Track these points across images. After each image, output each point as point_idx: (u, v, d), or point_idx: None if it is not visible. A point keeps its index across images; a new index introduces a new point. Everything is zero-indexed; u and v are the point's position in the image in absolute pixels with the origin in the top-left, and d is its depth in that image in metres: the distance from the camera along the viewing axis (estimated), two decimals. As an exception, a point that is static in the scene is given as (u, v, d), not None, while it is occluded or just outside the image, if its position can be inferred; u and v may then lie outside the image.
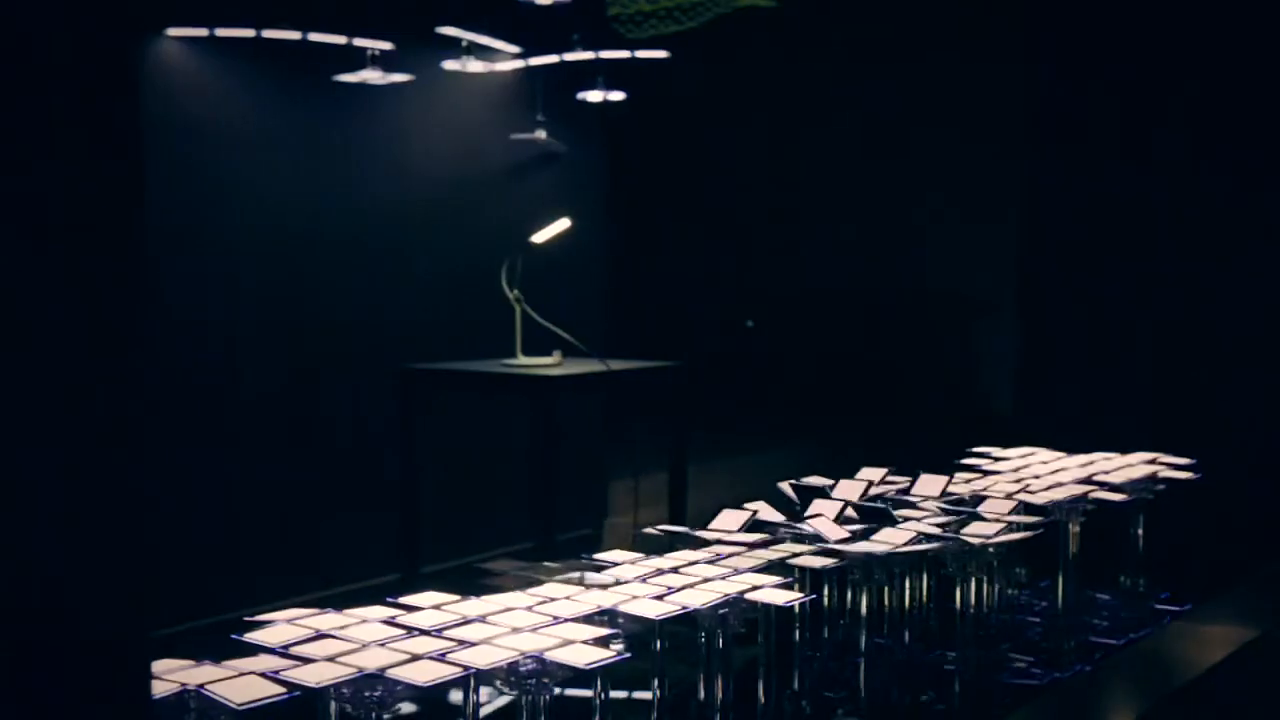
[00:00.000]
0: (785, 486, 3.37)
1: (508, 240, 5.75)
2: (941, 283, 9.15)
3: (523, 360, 5.38)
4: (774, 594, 2.26)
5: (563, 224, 5.48)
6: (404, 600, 2.17)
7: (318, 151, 5.81)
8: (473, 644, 1.97)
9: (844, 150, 9.60)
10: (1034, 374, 8.29)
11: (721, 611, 2.24)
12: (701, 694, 2.36)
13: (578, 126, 6.93)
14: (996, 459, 3.52)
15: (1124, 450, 3.95)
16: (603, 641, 2.02)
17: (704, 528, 2.86)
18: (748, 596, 2.26)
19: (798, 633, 2.62)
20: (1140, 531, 3.44)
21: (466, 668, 1.86)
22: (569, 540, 5.80)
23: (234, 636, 2.06)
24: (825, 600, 2.67)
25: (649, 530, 2.85)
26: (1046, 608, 3.26)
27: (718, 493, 6.66)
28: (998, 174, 8.79)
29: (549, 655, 1.92)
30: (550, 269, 6.40)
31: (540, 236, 5.43)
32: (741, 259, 10.18)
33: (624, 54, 6.49)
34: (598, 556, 2.59)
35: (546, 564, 2.79)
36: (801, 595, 2.34)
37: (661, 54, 6.57)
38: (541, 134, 6.61)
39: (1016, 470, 3.37)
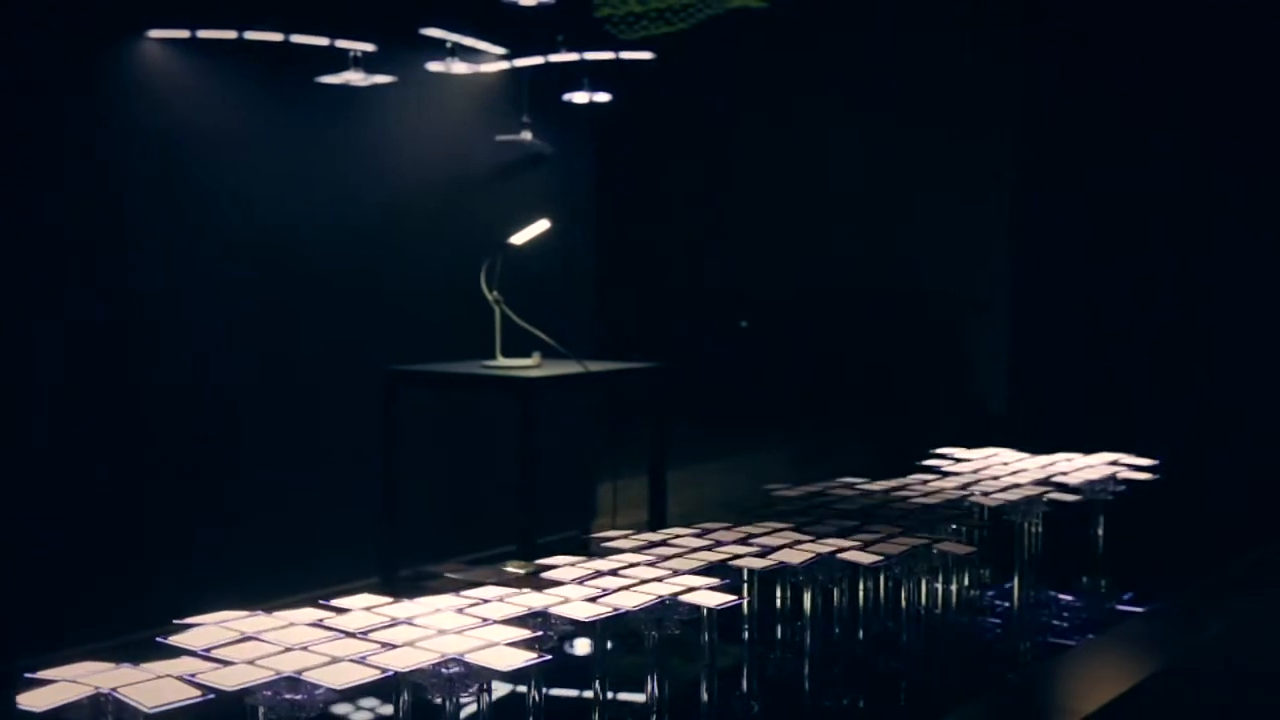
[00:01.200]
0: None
1: (493, 242, 5.75)
2: (933, 282, 9.12)
3: (502, 361, 5.38)
4: (709, 596, 2.25)
5: (542, 225, 5.47)
6: (335, 602, 2.16)
7: (300, 153, 5.81)
8: (396, 646, 1.96)
9: (835, 149, 9.58)
10: (1027, 373, 8.27)
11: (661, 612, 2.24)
12: (645, 694, 2.35)
13: (565, 128, 6.93)
14: (959, 460, 3.51)
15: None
16: (529, 644, 2.01)
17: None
18: (682, 598, 2.25)
19: (746, 633, 2.61)
20: (1100, 532, 3.43)
21: (384, 670, 1.85)
22: (551, 543, 5.80)
23: (159, 640, 2.06)
24: (780, 602, 2.66)
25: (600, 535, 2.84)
26: (1007, 608, 3.25)
27: (712, 493, 6.66)
28: (991, 173, 8.77)
29: (470, 658, 1.92)
30: (538, 270, 6.40)
31: (519, 238, 5.42)
32: (732, 260, 10.16)
33: (609, 55, 6.48)
34: (545, 560, 2.58)
35: (509, 566, 2.79)
36: (735, 597, 2.33)
37: (646, 55, 6.56)
38: (527, 135, 6.61)
39: (976, 472, 3.35)
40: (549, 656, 2.09)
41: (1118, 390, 7.79)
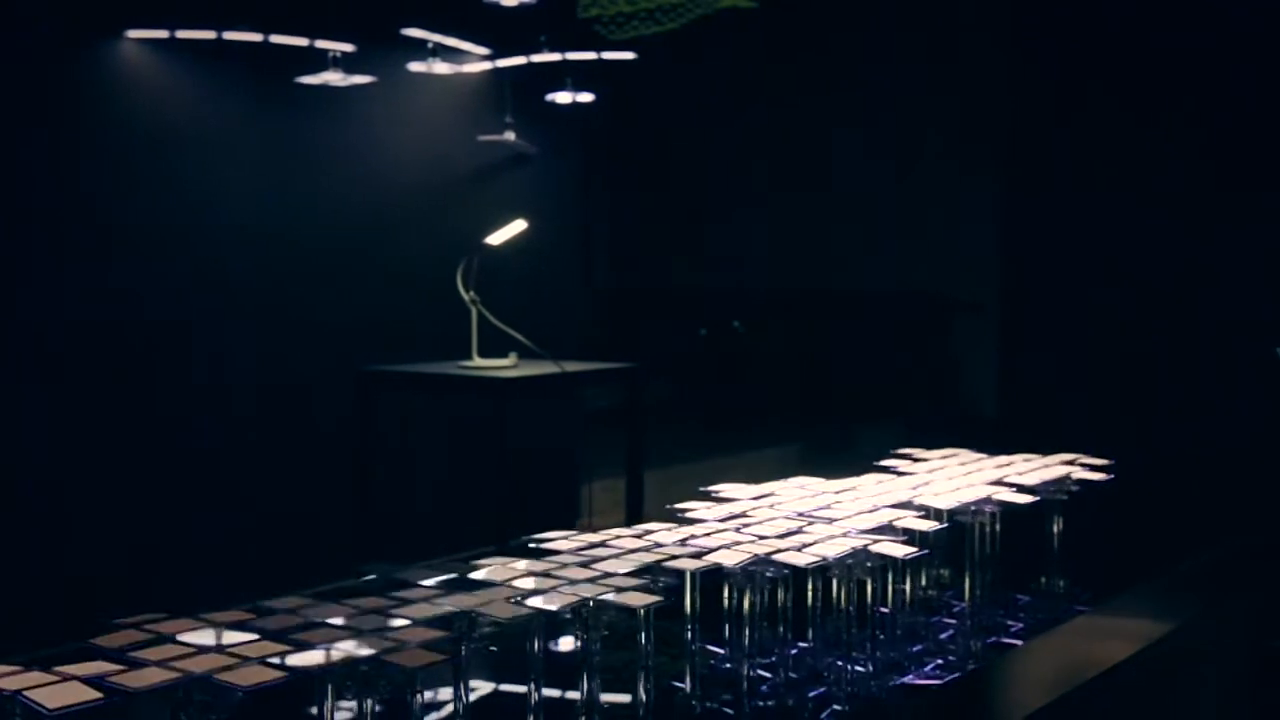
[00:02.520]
0: None
1: (476, 242, 5.75)
2: (923, 283, 9.11)
3: (478, 362, 5.38)
4: (636, 596, 2.24)
5: (518, 225, 5.47)
6: (266, 604, 2.16)
7: (279, 153, 5.82)
8: (312, 646, 1.95)
9: (822, 149, 9.57)
10: (1017, 375, 8.26)
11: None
12: (579, 694, 2.35)
13: (550, 128, 6.92)
14: (916, 460, 3.50)
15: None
16: (439, 643, 2.00)
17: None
18: (609, 599, 2.24)
19: (689, 633, 2.59)
20: (1056, 530, 3.41)
21: (292, 670, 1.84)
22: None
23: (78, 644, 2.05)
24: (726, 602, 2.64)
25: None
26: (963, 609, 3.23)
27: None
28: (980, 173, 8.76)
29: (384, 657, 1.91)
30: (524, 271, 6.41)
31: (495, 238, 5.42)
32: (718, 259, 10.15)
33: (591, 55, 6.48)
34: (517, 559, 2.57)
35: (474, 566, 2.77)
36: (659, 598, 2.32)
37: (629, 55, 6.55)
38: (510, 135, 6.61)
39: (931, 472, 3.34)
40: (459, 657, 2.08)
41: (1108, 391, 7.77)
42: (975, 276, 8.70)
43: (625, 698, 2.48)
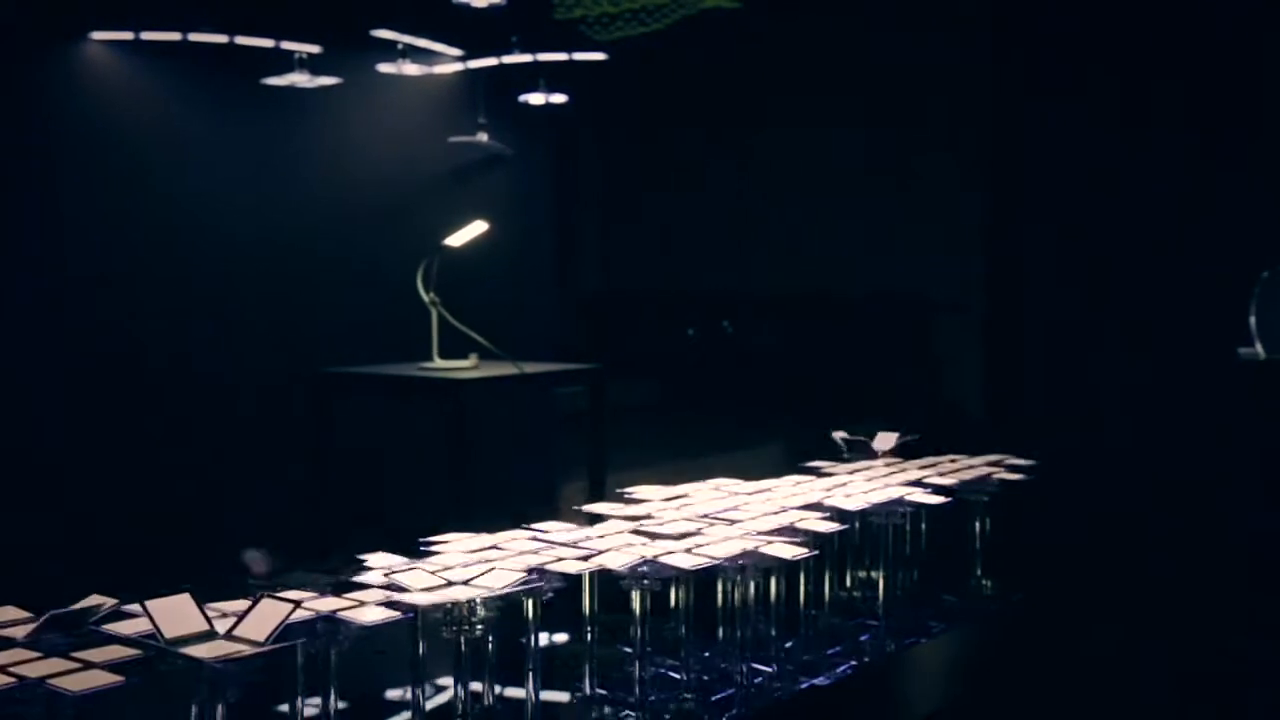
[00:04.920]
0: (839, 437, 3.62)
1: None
2: (906, 284, 9.06)
3: (438, 363, 5.36)
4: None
5: (479, 227, 5.45)
6: (127, 608, 2.14)
7: (245, 155, 5.82)
8: (159, 649, 1.94)
9: (808, 151, 9.53)
10: (1001, 377, 8.21)
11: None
12: (454, 693, 2.33)
13: (525, 129, 6.91)
14: (844, 460, 3.48)
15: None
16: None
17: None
18: (485, 599, 2.22)
19: (589, 634, 2.57)
20: (977, 529, 3.39)
21: (128, 677, 1.83)
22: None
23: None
24: (638, 605, 2.62)
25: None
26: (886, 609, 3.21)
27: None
28: (965, 174, 8.70)
29: (229, 660, 1.90)
30: (496, 273, 6.40)
31: (456, 239, 5.40)
32: (700, 261, 10.12)
33: (562, 56, 6.46)
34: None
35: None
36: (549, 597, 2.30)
37: (600, 56, 6.54)
38: (483, 137, 6.59)
39: (852, 474, 3.31)
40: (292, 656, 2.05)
41: (1094, 392, 7.72)
42: (960, 278, 8.65)
43: (522, 693, 2.47)
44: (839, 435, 3.61)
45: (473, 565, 2.43)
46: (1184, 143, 7.52)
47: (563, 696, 2.67)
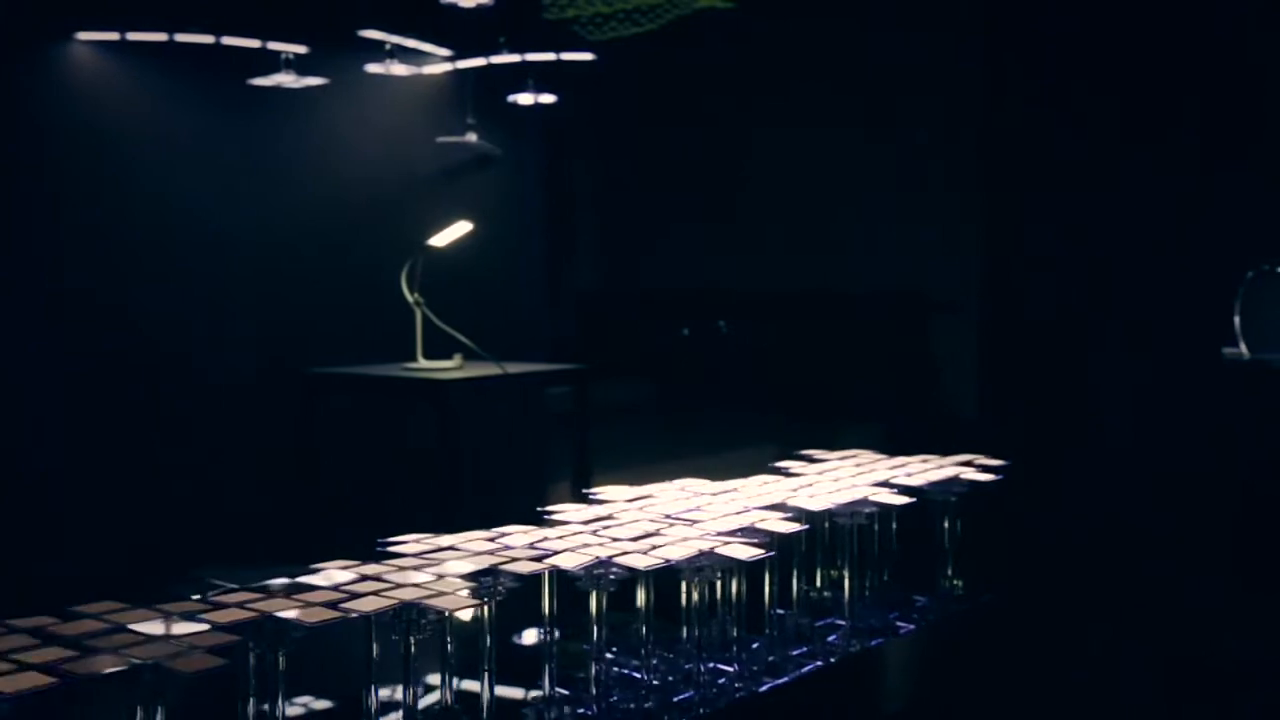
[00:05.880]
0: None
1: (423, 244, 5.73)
2: (901, 283, 9.03)
3: (423, 364, 5.36)
4: (454, 600, 2.22)
5: (463, 227, 5.45)
6: (76, 608, 2.14)
7: (232, 155, 5.82)
8: (99, 652, 1.93)
9: (803, 149, 9.50)
10: (996, 375, 8.18)
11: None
12: (372, 697, 2.32)
13: (514, 129, 6.91)
14: (814, 460, 3.47)
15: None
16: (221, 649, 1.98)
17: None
18: (427, 602, 2.22)
19: (546, 635, 2.57)
20: (945, 528, 3.38)
21: (64, 678, 1.83)
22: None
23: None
24: (594, 606, 2.61)
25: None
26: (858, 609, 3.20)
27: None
28: (959, 172, 8.68)
29: (166, 663, 1.89)
30: (485, 274, 6.39)
31: (439, 239, 5.40)
32: (691, 260, 10.09)
33: (550, 56, 6.46)
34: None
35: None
36: (476, 602, 2.29)
37: (589, 56, 6.53)
38: (472, 137, 6.59)
39: (821, 473, 3.30)
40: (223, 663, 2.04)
41: (1086, 392, 7.70)
42: (954, 276, 8.62)
43: (477, 685, 2.47)
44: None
45: (425, 568, 2.42)
46: (1183, 143, 7.49)
47: (522, 695, 2.67)
